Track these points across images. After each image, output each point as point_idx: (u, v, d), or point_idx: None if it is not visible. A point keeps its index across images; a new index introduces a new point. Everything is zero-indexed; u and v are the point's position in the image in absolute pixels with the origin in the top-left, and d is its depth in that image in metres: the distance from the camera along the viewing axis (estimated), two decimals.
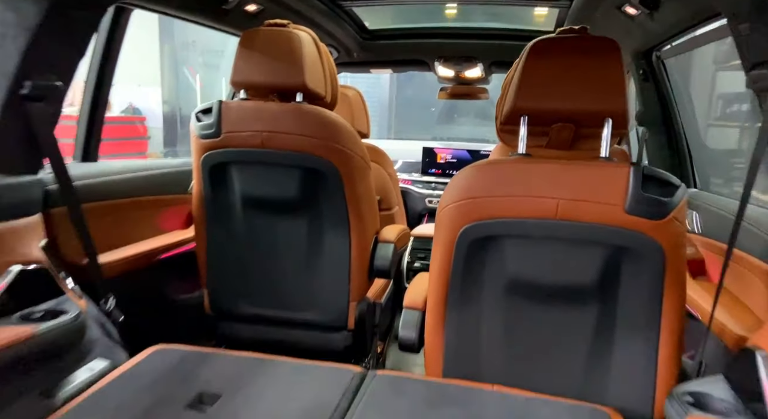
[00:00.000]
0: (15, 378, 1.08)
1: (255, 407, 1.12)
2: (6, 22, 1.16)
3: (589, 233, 1.20)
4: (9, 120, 1.20)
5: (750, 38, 1.08)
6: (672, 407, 0.95)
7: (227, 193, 1.75)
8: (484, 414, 1.13)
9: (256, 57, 1.61)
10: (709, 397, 0.95)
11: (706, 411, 0.92)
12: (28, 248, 1.24)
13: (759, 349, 0.92)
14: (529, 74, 1.24)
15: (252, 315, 1.82)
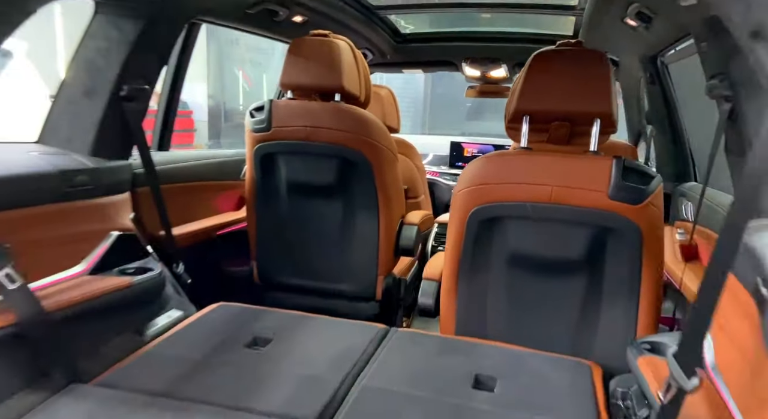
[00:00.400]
0: (117, 317, 1.39)
1: (299, 349, 1.40)
2: (111, 38, 1.47)
3: (578, 215, 1.43)
4: (109, 116, 1.52)
5: (708, 54, 1.27)
6: (630, 352, 1.17)
7: (274, 179, 2.03)
8: (483, 363, 1.37)
9: (302, 63, 1.89)
10: (664, 345, 1.17)
11: (657, 354, 1.14)
12: (122, 219, 1.56)
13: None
14: (531, 80, 1.47)
15: (293, 285, 2.11)
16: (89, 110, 1.49)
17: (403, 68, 3.34)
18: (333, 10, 2.23)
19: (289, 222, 2.06)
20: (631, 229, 1.38)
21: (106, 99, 1.48)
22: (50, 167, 1.32)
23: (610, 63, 1.43)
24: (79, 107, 1.49)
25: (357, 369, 1.32)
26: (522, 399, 1.22)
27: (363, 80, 2.00)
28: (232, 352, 1.37)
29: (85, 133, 1.49)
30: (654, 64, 2.12)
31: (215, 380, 1.22)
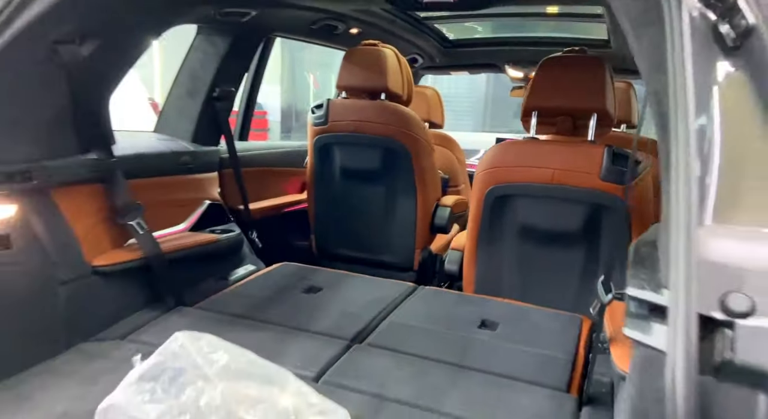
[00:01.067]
0: (208, 263, 1.83)
1: (343, 295, 1.77)
2: (207, 52, 1.93)
3: (576, 194, 1.71)
4: (205, 113, 1.97)
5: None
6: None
7: (330, 166, 2.43)
8: (491, 311, 1.68)
9: (354, 68, 2.27)
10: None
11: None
12: (212, 192, 2.02)
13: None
14: (538, 82, 1.76)
15: (344, 256, 2.50)
16: (191, 107, 1.96)
17: (450, 71, 3.65)
18: (384, 22, 2.60)
19: (342, 202, 2.45)
20: (620, 206, 1.65)
21: (203, 99, 1.94)
22: (165, 149, 1.78)
23: (606, 67, 1.70)
24: (184, 104, 1.96)
25: (387, 311, 1.68)
26: (517, 337, 1.52)
27: (406, 82, 2.36)
28: (293, 295, 1.77)
29: (187, 124, 1.96)
30: None
31: (279, 310, 1.62)
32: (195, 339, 1.03)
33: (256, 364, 1.06)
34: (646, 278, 0.67)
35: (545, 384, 1.27)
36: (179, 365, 0.97)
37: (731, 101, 0.73)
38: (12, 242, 1.21)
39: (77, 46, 1.25)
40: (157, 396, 0.94)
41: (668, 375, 0.55)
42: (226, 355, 1.03)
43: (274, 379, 1.04)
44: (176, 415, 0.90)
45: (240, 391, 0.97)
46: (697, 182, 0.65)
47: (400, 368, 1.33)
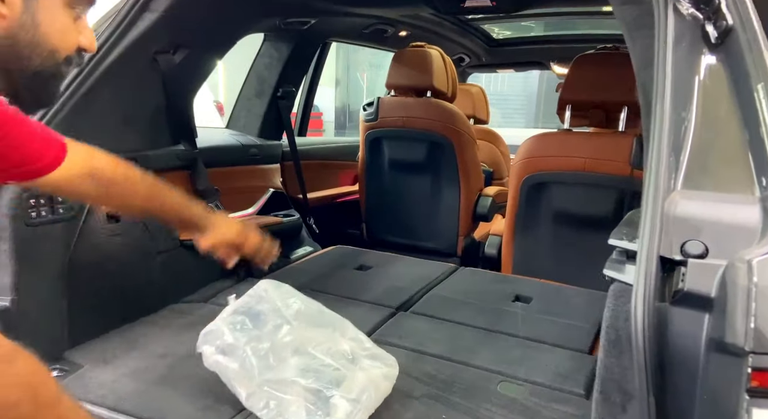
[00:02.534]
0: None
1: (391, 273, 1.97)
2: (272, 56, 2.19)
3: (607, 180, 1.83)
4: (269, 110, 2.24)
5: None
6: None
7: (380, 158, 2.64)
8: (525, 288, 1.84)
9: (402, 68, 2.47)
10: None
11: None
12: (275, 181, 2.28)
13: None
14: (572, 77, 1.90)
15: (392, 242, 2.70)
16: (257, 106, 2.23)
17: (497, 69, 3.79)
18: (431, 25, 2.78)
19: (390, 192, 2.66)
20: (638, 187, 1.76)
21: (269, 99, 2.21)
22: (236, 142, 2.06)
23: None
24: (252, 104, 2.24)
25: (429, 286, 1.87)
26: (549, 310, 1.67)
27: (450, 80, 2.53)
28: (346, 271, 1.99)
29: (254, 121, 2.23)
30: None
31: (333, 283, 1.85)
32: (276, 286, 1.27)
33: (323, 312, 1.28)
34: (627, 232, 0.83)
35: (568, 347, 1.42)
36: (263, 305, 1.21)
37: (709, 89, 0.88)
38: (120, 218, 1.50)
39: (172, 56, 1.52)
40: (246, 327, 1.17)
41: (633, 301, 0.71)
42: (300, 302, 1.26)
43: (336, 325, 1.25)
44: (259, 343, 1.14)
45: (309, 331, 1.19)
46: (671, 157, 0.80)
47: (437, 330, 1.52)
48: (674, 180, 0.79)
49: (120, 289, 1.50)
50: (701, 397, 0.65)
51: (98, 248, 1.42)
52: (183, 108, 1.66)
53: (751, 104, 0.81)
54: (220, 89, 7.75)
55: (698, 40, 0.90)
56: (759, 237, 0.69)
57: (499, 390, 1.25)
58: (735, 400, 0.59)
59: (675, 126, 0.82)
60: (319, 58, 2.60)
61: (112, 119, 1.44)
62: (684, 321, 0.70)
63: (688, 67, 0.89)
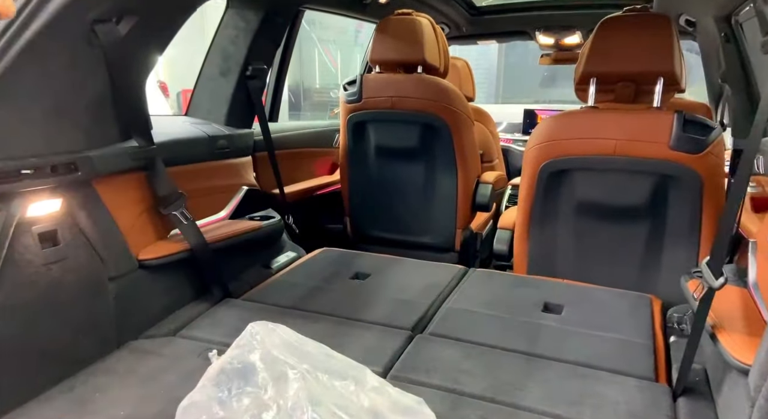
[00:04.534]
0: (252, 251, 1.75)
1: (394, 281, 1.69)
2: (239, 28, 1.81)
3: (641, 165, 1.60)
4: (238, 92, 1.87)
5: (764, 11, 1.37)
6: (683, 278, 1.34)
7: (365, 144, 2.33)
8: (552, 293, 1.60)
9: (388, 40, 2.14)
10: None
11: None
12: (248, 177, 1.92)
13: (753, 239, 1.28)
14: (597, 45, 1.63)
15: (381, 238, 2.42)
16: (223, 87, 1.85)
17: (478, 40, 3.50)
18: None
19: (378, 183, 2.36)
20: (692, 176, 1.54)
21: (236, 78, 1.83)
22: (201, 133, 1.69)
23: (674, 24, 1.57)
24: (216, 85, 1.86)
25: (442, 296, 1.60)
26: (586, 321, 1.43)
27: (442, 52, 2.23)
28: (340, 282, 1.69)
29: (220, 106, 1.86)
30: (728, 23, 2.16)
31: (330, 300, 1.55)
32: (270, 330, 0.96)
33: (332, 357, 0.99)
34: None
35: (630, 373, 1.19)
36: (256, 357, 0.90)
37: None
38: (60, 238, 1.13)
39: (115, 25, 1.14)
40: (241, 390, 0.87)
41: None
42: (302, 347, 0.96)
43: (351, 374, 0.96)
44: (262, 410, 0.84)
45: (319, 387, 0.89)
46: None
47: (468, 359, 1.25)
48: None
49: (62, 332, 1.15)
50: None
51: (31, 282, 1.06)
52: (133, 94, 1.29)
53: None
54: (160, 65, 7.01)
55: None
56: None
57: None
58: None
59: None
60: (291, 29, 2.23)
61: (40, 109, 1.07)
62: None
63: None
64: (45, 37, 1.01)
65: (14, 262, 1.04)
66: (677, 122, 1.53)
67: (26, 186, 1.06)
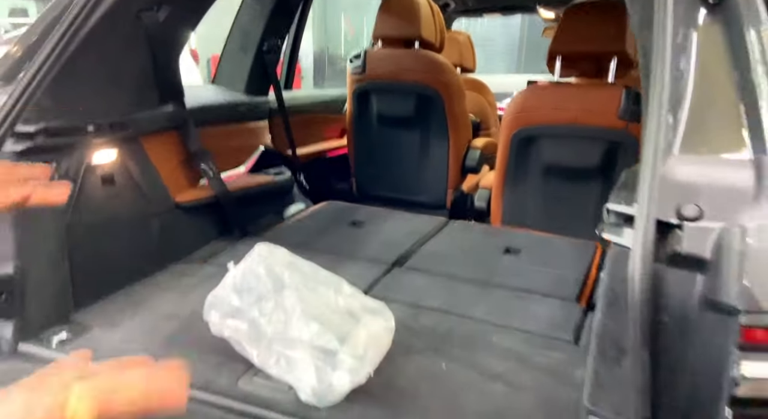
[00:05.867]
0: (266, 201, 2.09)
1: (384, 228, 2.01)
2: (256, 9, 2.11)
3: (596, 132, 1.86)
4: (255, 65, 2.18)
5: None
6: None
7: (368, 112, 2.62)
8: (515, 240, 1.89)
9: (390, 18, 2.41)
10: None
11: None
12: (264, 138, 2.25)
13: None
14: (562, 28, 1.88)
15: (382, 196, 2.73)
16: (243, 61, 2.17)
17: (483, 14, 3.70)
18: None
19: (379, 147, 2.66)
20: (634, 143, 1.80)
21: (254, 53, 2.14)
22: (224, 100, 2.01)
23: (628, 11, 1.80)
24: (237, 58, 2.17)
25: (422, 241, 1.91)
26: (536, 261, 1.74)
27: (438, 29, 2.48)
28: (339, 228, 2.02)
29: (240, 77, 2.18)
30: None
31: (329, 240, 1.88)
32: (272, 250, 1.29)
33: (318, 272, 1.32)
34: (625, 196, 0.87)
35: (557, 296, 1.50)
36: (262, 269, 1.24)
37: (707, 52, 0.89)
38: (116, 180, 1.48)
39: (156, 13, 1.46)
40: (250, 289, 1.21)
41: (631, 264, 0.75)
42: (296, 264, 1.30)
43: (332, 283, 1.29)
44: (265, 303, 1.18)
45: (308, 291, 1.23)
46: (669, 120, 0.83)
47: (433, 285, 1.58)
48: (672, 144, 0.82)
49: (120, 251, 1.51)
50: (693, 352, 0.71)
51: (97, 210, 1.42)
52: (169, 67, 1.61)
53: (746, 65, 0.83)
54: (192, 35, 7.36)
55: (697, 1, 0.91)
56: (752, 199, 0.72)
57: (495, 340, 1.32)
58: (725, 355, 0.65)
59: (673, 87, 0.84)
60: (303, 8, 2.50)
61: (99, 81, 1.40)
62: (679, 282, 0.75)
63: (686, 27, 0.89)
64: (103, 25, 1.32)
65: (84, 194, 1.39)
66: (625, 96, 1.78)
67: (91, 139, 1.40)
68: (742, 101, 0.82)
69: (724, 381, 0.67)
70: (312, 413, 1.07)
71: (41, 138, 1.25)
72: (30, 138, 1.23)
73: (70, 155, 1.34)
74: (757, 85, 0.80)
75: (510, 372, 1.20)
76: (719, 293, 0.66)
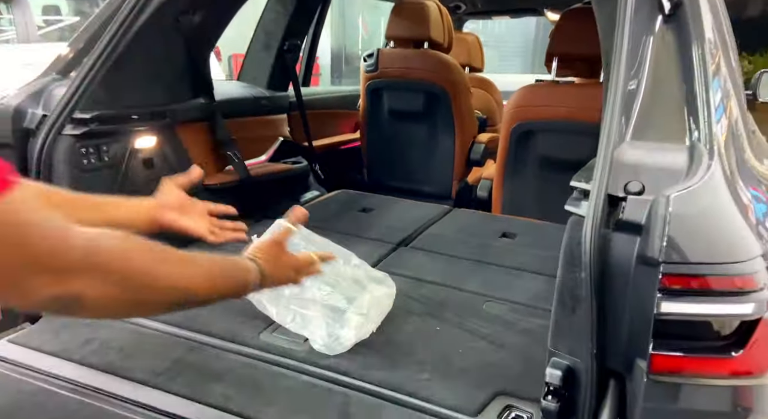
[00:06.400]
0: (285, 187, 2.29)
1: (392, 214, 2.19)
2: (278, 10, 2.30)
3: (587, 128, 2.01)
4: (277, 63, 2.37)
5: None
6: None
7: (380, 108, 2.79)
8: (513, 226, 2.06)
9: (402, 21, 2.58)
10: None
11: None
12: (283, 130, 2.45)
13: None
14: (558, 31, 2.04)
15: (392, 186, 2.90)
16: (266, 59, 2.37)
17: (492, 16, 3.85)
18: None
19: (390, 140, 2.84)
20: None
21: (275, 52, 2.34)
22: (248, 94, 2.21)
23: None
24: (260, 57, 2.37)
25: (426, 225, 2.09)
26: (530, 244, 1.90)
27: (446, 31, 2.65)
28: (350, 213, 2.21)
29: (263, 73, 2.38)
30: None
31: (342, 223, 2.06)
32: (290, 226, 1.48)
33: (330, 245, 1.50)
34: (586, 176, 1.04)
35: (546, 274, 1.67)
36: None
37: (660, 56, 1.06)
38: (155, 164, 1.69)
39: (192, 16, 1.66)
40: None
41: (584, 229, 0.92)
42: (311, 237, 1.48)
43: (343, 255, 1.48)
44: None
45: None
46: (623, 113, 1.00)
47: (433, 262, 1.76)
48: (624, 133, 0.99)
49: None
50: (630, 298, 0.88)
51: (139, 189, 1.62)
52: (202, 64, 1.81)
53: (690, 67, 0.99)
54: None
55: (654, 10, 1.07)
56: (683, 177, 0.89)
57: (485, 308, 1.50)
58: (651, 298, 0.82)
59: (628, 86, 1.01)
60: (321, 9, 2.69)
61: (143, 76, 1.60)
62: (621, 243, 0.91)
63: (643, 34, 1.06)
64: (147, 27, 1.52)
65: (128, 176, 1.60)
66: None
67: (134, 126, 1.61)
68: (684, 101, 0.99)
69: (650, 319, 0.84)
70: (322, 360, 1.25)
71: (95, 124, 1.45)
72: (85, 124, 1.43)
73: (118, 141, 1.55)
74: (697, 93, 0.97)
75: (495, 334, 1.37)
76: (648, 250, 0.83)
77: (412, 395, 1.16)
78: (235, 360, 1.27)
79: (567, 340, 0.98)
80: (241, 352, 1.29)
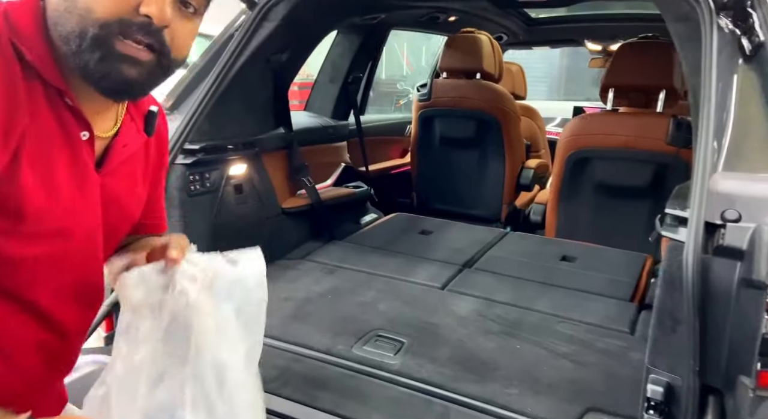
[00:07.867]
0: (348, 210, 2.41)
1: (450, 237, 2.29)
2: (344, 46, 2.46)
3: (644, 155, 2.11)
4: (342, 95, 2.52)
5: None
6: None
7: (432, 134, 2.92)
8: (570, 250, 2.14)
9: (455, 52, 2.72)
10: None
11: None
12: (344, 157, 2.58)
13: None
14: (615, 63, 2.15)
15: (441, 210, 3.01)
16: (331, 91, 2.52)
17: (532, 46, 3.99)
18: (476, 9, 3.00)
19: (440, 165, 2.95)
20: (682, 164, 2.03)
21: (340, 84, 2.49)
22: (317, 124, 2.36)
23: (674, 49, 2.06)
24: (326, 89, 2.52)
25: (486, 248, 2.18)
26: (591, 267, 1.98)
27: (497, 62, 2.78)
28: (411, 235, 2.31)
29: (328, 104, 2.53)
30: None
31: (405, 245, 2.17)
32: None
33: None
34: (678, 203, 1.13)
35: (612, 296, 1.74)
36: None
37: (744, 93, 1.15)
38: (244, 190, 1.82)
39: (281, 55, 1.81)
40: None
41: (685, 253, 1.01)
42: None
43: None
44: None
45: None
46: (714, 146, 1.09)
47: (501, 283, 1.84)
48: (717, 164, 1.08)
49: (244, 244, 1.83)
50: (732, 319, 0.96)
51: (231, 213, 1.75)
52: (283, 98, 1.96)
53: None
54: None
55: (736, 51, 1.17)
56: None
57: (559, 328, 1.57)
58: (757, 320, 0.90)
59: (718, 121, 1.10)
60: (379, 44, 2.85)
61: (239, 109, 1.75)
62: (722, 267, 1.00)
63: (728, 74, 1.16)
64: (244, 68, 1.67)
65: (224, 200, 1.73)
66: (672, 124, 2.03)
67: (229, 155, 1.74)
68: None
69: (757, 339, 0.91)
70: (416, 373, 1.34)
71: (201, 154, 1.59)
72: (194, 154, 1.57)
73: (217, 168, 1.69)
74: None
75: (575, 353, 1.45)
76: (753, 274, 0.92)
77: (504, 408, 1.23)
78: (335, 371, 1.36)
79: (666, 358, 1.06)
80: (339, 364, 1.38)
